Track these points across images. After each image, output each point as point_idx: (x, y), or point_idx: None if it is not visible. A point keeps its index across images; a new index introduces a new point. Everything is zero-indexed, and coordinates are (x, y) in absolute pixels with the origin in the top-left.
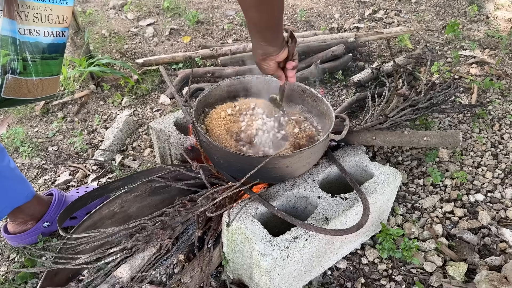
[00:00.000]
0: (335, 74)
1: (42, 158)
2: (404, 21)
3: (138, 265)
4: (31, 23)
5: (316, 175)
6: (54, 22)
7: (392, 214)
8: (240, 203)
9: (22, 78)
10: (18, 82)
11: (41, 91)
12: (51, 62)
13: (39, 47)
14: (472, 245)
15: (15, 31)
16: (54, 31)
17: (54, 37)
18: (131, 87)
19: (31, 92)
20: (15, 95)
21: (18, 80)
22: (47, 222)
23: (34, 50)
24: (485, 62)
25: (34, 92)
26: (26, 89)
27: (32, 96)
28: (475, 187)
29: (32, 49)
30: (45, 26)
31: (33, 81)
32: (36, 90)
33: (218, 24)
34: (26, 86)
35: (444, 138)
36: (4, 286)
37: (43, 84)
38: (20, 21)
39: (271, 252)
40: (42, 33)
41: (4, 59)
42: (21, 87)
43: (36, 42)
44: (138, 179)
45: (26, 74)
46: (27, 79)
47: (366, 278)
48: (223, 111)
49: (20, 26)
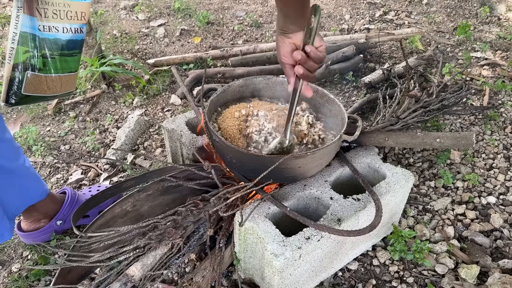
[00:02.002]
0: (346, 75)
1: (54, 157)
2: (414, 23)
3: (150, 263)
4: (50, 19)
5: (328, 176)
6: (72, 19)
7: (404, 216)
8: (252, 203)
9: (42, 74)
10: (38, 79)
11: (60, 87)
12: (70, 58)
13: (58, 43)
14: (484, 247)
15: (35, 27)
16: (73, 27)
17: (73, 34)
18: (142, 87)
19: (50, 89)
20: (35, 92)
21: (38, 77)
22: (60, 220)
23: (53, 47)
24: (497, 64)
25: (53, 89)
26: (46, 86)
27: (51, 93)
28: (487, 190)
29: (51, 45)
30: (64, 22)
31: (52, 78)
32: (55, 87)
33: (229, 25)
34: (45, 82)
35: (457, 139)
36: (17, 283)
37: (62, 81)
38: (39, 18)
39: (284, 252)
40: (61, 30)
41: (24, 56)
42: (41, 84)
43: (55, 39)
44: (150, 178)
45: (45, 71)
46: (46, 75)
47: (377, 280)
48: (237, 111)
49: (39, 23)
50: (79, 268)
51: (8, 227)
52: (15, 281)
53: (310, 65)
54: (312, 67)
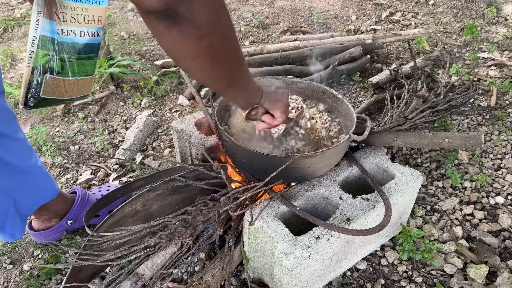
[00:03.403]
0: (353, 76)
1: (64, 157)
2: (421, 23)
3: (160, 262)
4: (69, 23)
5: (336, 176)
6: (89, 23)
7: (412, 216)
8: (262, 203)
9: (60, 78)
10: (56, 82)
11: (77, 91)
12: (87, 62)
13: (75, 47)
14: (493, 247)
15: (54, 31)
16: (90, 31)
17: (90, 38)
18: (150, 88)
19: (68, 92)
20: (53, 95)
21: (56, 80)
22: (70, 219)
23: (71, 51)
24: (504, 64)
25: (70, 92)
26: (64, 89)
27: (68, 96)
28: (495, 190)
29: (69, 49)
30: (82, 26)
31: (70, 81)
32: (72, 90)
33: (235, 26)
34: (63, 86)
35: (466, 139)
36: (29, 281)
37: (79, 84)
38: (58, 22)
39: (294, 251)
40: (78, 34)
41: (43, 59)
42: (59, 87)
43: (73, 43)
44: (160, 178)
45: (63, 74)
46: (64, 79)
47: (386, 279)
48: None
49: (58, 27)
50: (90, 267)
51: (19, 226)
52: (26, 280)
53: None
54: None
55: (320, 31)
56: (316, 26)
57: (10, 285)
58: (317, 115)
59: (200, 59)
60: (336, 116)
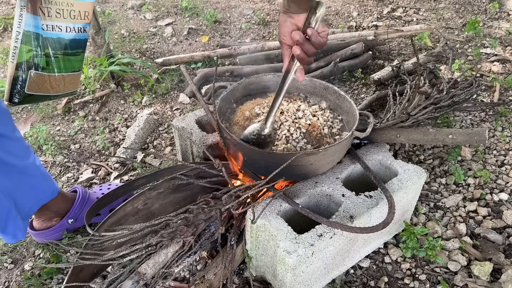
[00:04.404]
0: (355, 73)
1: (64, 156)
2: (423, 19)
3: (161, 261)
4: (54, 19)
5: (339, 173)
6: (76, 18)
7: (415, 214)
8: (264, 201)
9: (45, 74)
10: (41, 78)
11: (63, 87)
12: (73, 58)
13: (61, 43)
14: (497, 244)
15: (38, 26)
16: (76, 27)
17: (76, 33)
18: (151, 86)
19: (54, 88)
20: (38, 91)
21: (41, 76)
22: (71, 218)
23: (56, 46)
24: (507, 60)
25: (56, 88)
26: (49, 85)
27: (54, 92)
28: (499, 186)
29: (54, 45)
30: (67, 22)
31: (56, 77)
32: (58, 86)
33: (236, 24)
34: (49, 82)
35: (470, 136)
36: (30, 281)
37: (65, 80)
38: (43, 17)
39: (296, 249)
40: (64, 29)
41: (27, 55)
42: (44, 83)
43: (59, 38)
44: (161, 176)
45: (49, 70)
46: (50, 75)
47: (390, 277)
48: (247, 110)
49: (43, 22)
50: (91, 266)
51: (21, 227)
52: (27, 280)
53: (308, 48)
54: (310, 50)
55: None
56: None
57: (12, 284)
58: (319, 112)
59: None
60: (338, 114)
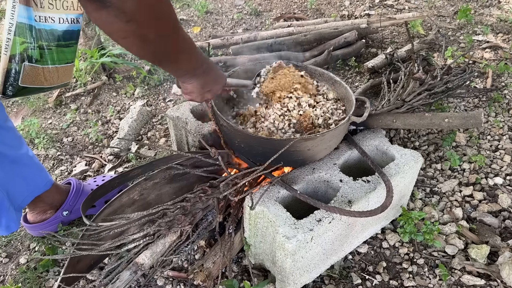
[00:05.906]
0: (348, 61)
1: (57, 149)
2: (415, 8)
3: (159, 251)
4: (46, 10)
5: (336, 159)
6: (68, 9)
7: (411, 199)
8: (262, 187)
9: (39, 66)
10: (35, 70)
11: (57, 79)
12: (66, 49)
13: (54, 34)
14: (493, 227)
15: (31, 18)
16: (69, 18)
17: (69, 24)
18: (143, 78)
19: (48, 80)
20: (32, 83)
21: (35, 68)
22: (66, 210)
23: (49, 38)
24: (499, 47)
25: (50, 80)
26: (43, 77)
27: (48, 84)
28: (494, 171)
29: (48, 36)
30: (60, 13)
31: (49, 69)
32: (52, 78)
33: (228, 14)
34: (42, 74)
35: (466, 119)
36: (26, 274)
37: (59, 72)
38: (35, 8)
39: (296, 234)
40: (57, 20)
41: (21, 47)
42: (38, 75)
43: (52, 30)
44: (156, 166)
45: (42, 62)
46: (43, 67)
47: (388, 262)
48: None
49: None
50: (88, 258)
51: (14, 218)
52: (23, 273)
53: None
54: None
55: (313, 17)
56: (310, 12)
57: (7, 278)
58: (321, 102)
59: (129, 39)
60: (343, 104)
